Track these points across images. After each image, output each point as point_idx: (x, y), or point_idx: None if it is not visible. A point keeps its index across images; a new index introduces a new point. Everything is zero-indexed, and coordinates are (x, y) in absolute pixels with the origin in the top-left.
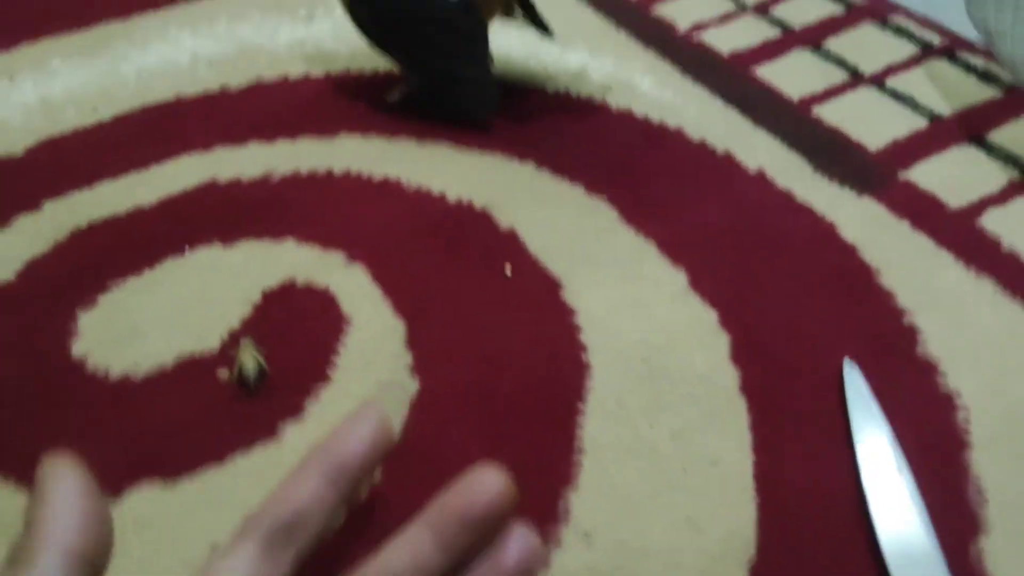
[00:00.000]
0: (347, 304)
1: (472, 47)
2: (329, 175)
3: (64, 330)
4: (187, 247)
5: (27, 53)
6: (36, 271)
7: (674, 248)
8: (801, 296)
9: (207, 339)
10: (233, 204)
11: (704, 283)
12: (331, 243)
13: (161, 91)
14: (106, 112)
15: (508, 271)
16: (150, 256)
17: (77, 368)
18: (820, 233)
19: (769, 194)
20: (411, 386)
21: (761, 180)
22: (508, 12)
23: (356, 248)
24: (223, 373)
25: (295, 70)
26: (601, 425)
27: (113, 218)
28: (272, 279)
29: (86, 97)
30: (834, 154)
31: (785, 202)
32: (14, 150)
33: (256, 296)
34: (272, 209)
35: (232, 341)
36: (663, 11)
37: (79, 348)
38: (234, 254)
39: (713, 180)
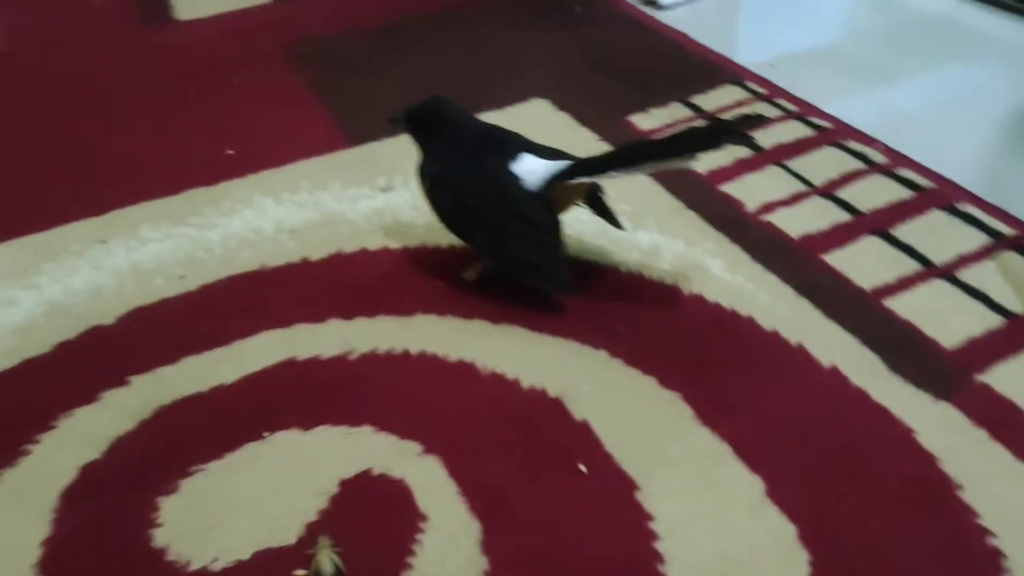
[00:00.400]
0: (423, 499)
1: (547, 238)
2: (406, 355)
3: (146, 518)
4: (266, 433)
5: (119, 218)
6: (121, 451)
7: (751, 451)
8: (881, 509)
9: (285, 532)
10: (312, 383)
11: (782, 492)
12: (407, 432)
13: (245, 260)
14: (193, 281)
15: (583, 468)
16: (230, 440)
17: (157, 557)
18: (898, 438)
19: (844, 393)
20: None
21: (836, 377)
22: (582, 201)
23: (432, 438)
24: (299, 574)
25: (373, 242)
26: None
27: (196, 396)
28: (349, 468)
29: (174, 264)
30: (908, 352)
31: (861, 403)
32: (106, 319)
33: (333, 486)
34: (350, 391)
35: (309, 536)
36: (731, 189)
37: (161, 537)
38: (312, 439)
39: (787, 375)
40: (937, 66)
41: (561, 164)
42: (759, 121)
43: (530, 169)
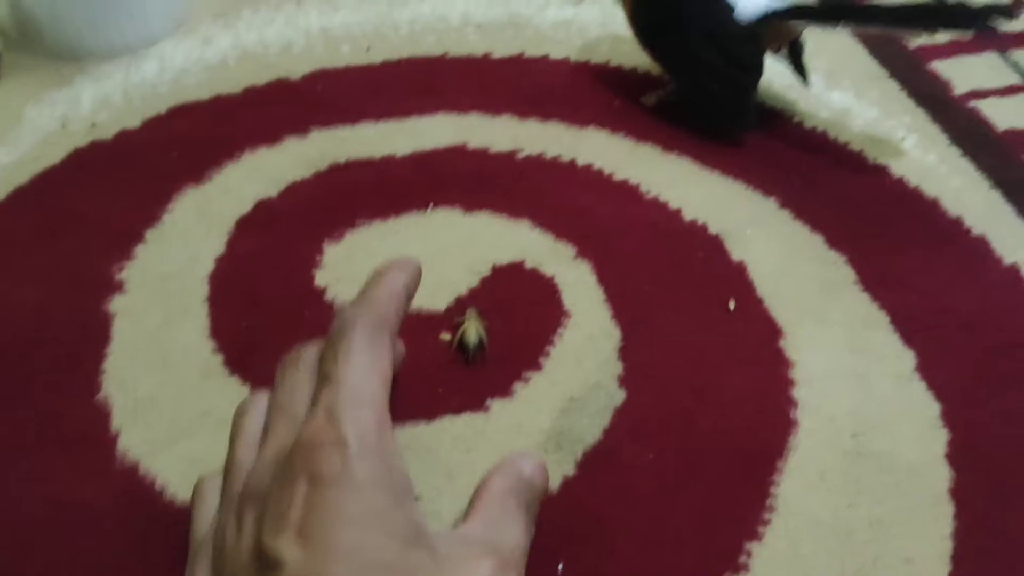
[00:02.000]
0: (569, 298)
1: (746, 76)
2: (572, 165)
3: (310, 259)
4: (431, 205)
5: None
6: (295, 194)
7: (909, 326)
8: None
9: (436, 299)
10: (479, 171)
11: (933, 371)
12: (564, 234)
13: (429, 45)
14: (377, 55)
15: (732, 306)
16: (396, 205)
17: (317, 296)
18: None
19: (1021, 293)
20: (618, 396)
21: (1014, 276)
22: (782, 47)
23: (587, 244)
24: (445, 336)
25: (557, 51)
26: (798, 489)
27: (368, 160)
28: (504, 255)
29: (362, 36)
30: None
31: None
32: (293, 74)
33: (486, 269)
34: (514, 186)
35: (458, 307)
36: (941, 68)
37: (322, 278)
38: (472, 222)
39: (963, 262)
40: None
41: (781, 2)
42: (1018, 12)
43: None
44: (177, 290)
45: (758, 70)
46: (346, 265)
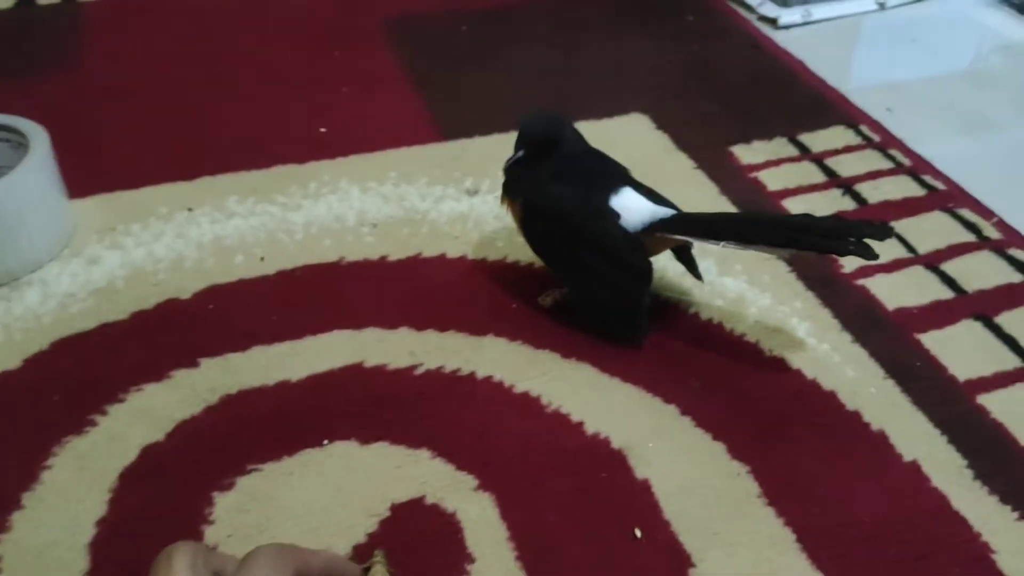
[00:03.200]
0: (472, 539)
1: (636, 285)
2: (472, 379)
3: (200, 513)
4: (326, 441)
5: (208, 185)
6: (184, 436)
7: (815, 544)
8: None
9: (333, 549)
10: (376, 393)
11: None
12: (465, 463)
13: (324, 250)
14: (271, 265)
15: (638, 533)
16: (290, 441)
17: None
18: (976, 557)
19: (923, 495)
20: None
21: (916, 475)
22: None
23: (488, 473)
24: None
25: (454, 249)
26: None
27: (261, 389)
28: (403, 491)
29: (256, 244)
30: (996, 461)
31: (940, 509)
32: (183, 292)
33: (384, 509)
34: (413, 408)
35: (358, 555)
36: None
37: (212, 535)
38: (370, 455)
39: (863, 464)
40: None
41: (665, 211)
42: (890, 233)
43: (630, 207)
44: (55, 565)
45: (646, 277)
46: (238, 518)
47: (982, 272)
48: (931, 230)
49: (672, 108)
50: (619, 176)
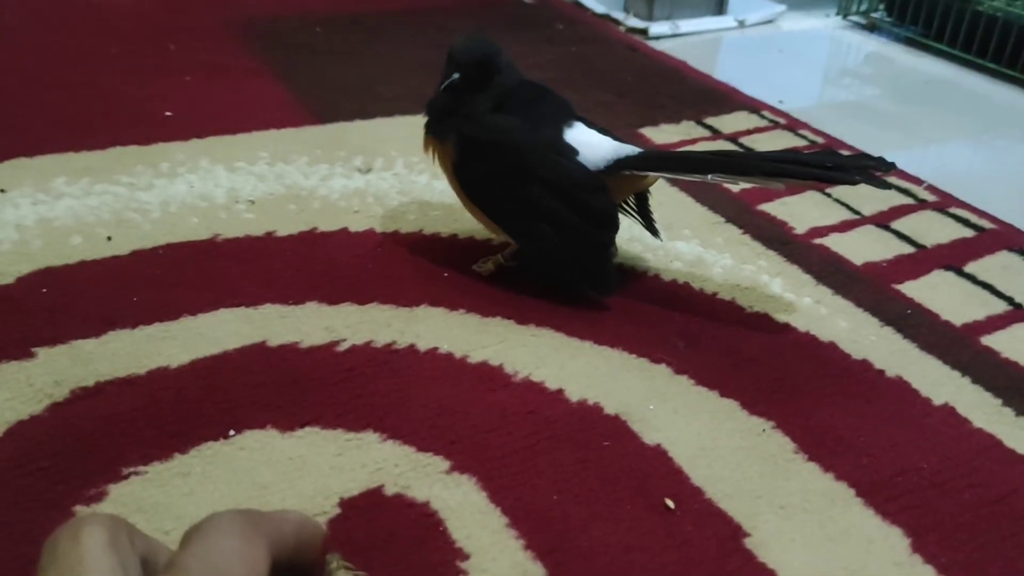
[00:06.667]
0: (459, 530)
1: (601, 230)
2: (412, 351)
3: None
4: (232, 431)
5: (24, 166)
6: (25, 439)
7: (881, 497)
8: None
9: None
10: (291, 375)
11: (932, 548)
12: (426, 443)
13: (192, 228)
14: (123, 245)
15: (670, 504)
16: (181, 437)
17: None
18: None
19: (971, 437)
20: None
21: (954, 418)
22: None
23: (460, 453)
24: None
25: (357, 223)
26: None
27: (130, 379)
28: (352, 483)
29: (98, 224)
30: None
31: (993, 450)
32: (5, 276)
33: (330, 506)
34: (344, 388)
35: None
36: (770, 209)
37: None
38: (296, 444)
39: (894, 411)
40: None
41: (629, 148)
42: (893, 166)
43: (589, 142)
44: None
45: (613, 223)
46: None
47: (932, 229)
48: (869, 194)
49: (567, 98)
50: (567, 110)
